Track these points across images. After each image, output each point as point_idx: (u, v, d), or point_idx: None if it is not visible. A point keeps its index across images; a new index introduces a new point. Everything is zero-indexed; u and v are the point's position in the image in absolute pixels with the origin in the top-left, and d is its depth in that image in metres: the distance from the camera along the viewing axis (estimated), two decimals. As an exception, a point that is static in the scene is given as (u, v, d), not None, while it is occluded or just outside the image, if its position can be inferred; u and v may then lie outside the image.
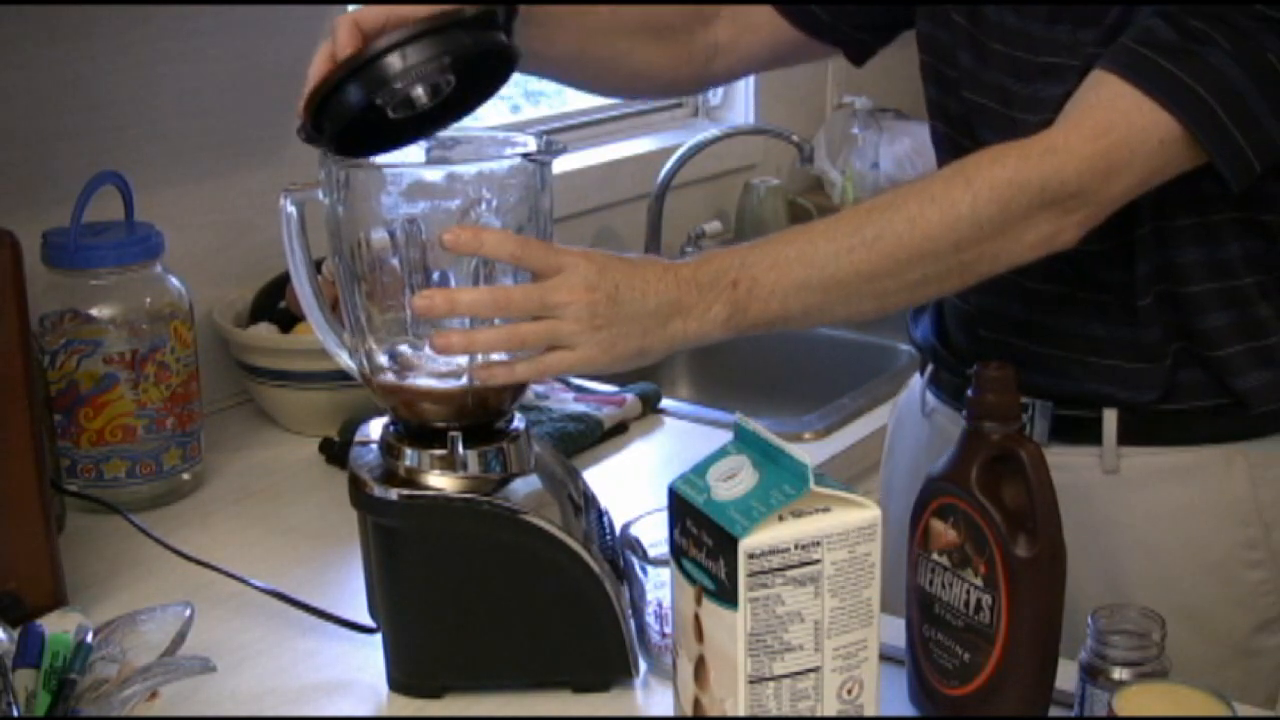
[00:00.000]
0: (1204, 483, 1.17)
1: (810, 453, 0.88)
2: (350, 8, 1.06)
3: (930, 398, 1.32)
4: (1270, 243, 1.13)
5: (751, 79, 2.53)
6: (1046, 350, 1.18)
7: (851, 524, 0.86)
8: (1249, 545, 1.17)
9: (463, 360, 1.03)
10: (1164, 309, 1.14)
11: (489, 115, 2.29)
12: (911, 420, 1.36)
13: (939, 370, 1.30)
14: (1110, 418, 1.17)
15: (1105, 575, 1.18)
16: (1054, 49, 1.11)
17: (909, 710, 1.02)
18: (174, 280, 1.39)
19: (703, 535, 0.87)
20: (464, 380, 1.04)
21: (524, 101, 2.37)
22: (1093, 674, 0.95)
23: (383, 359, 1.06)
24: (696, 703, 0.92)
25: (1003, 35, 1.14)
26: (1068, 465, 1.18)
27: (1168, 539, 1.18)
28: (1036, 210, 1.01)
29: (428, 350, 1.05)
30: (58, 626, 1.00)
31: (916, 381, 1.38)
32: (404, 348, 1.06)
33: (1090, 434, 1.18)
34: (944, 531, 0.97)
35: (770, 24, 1.31)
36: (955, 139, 1.22)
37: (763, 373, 2.15)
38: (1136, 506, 1.18)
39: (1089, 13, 1.09)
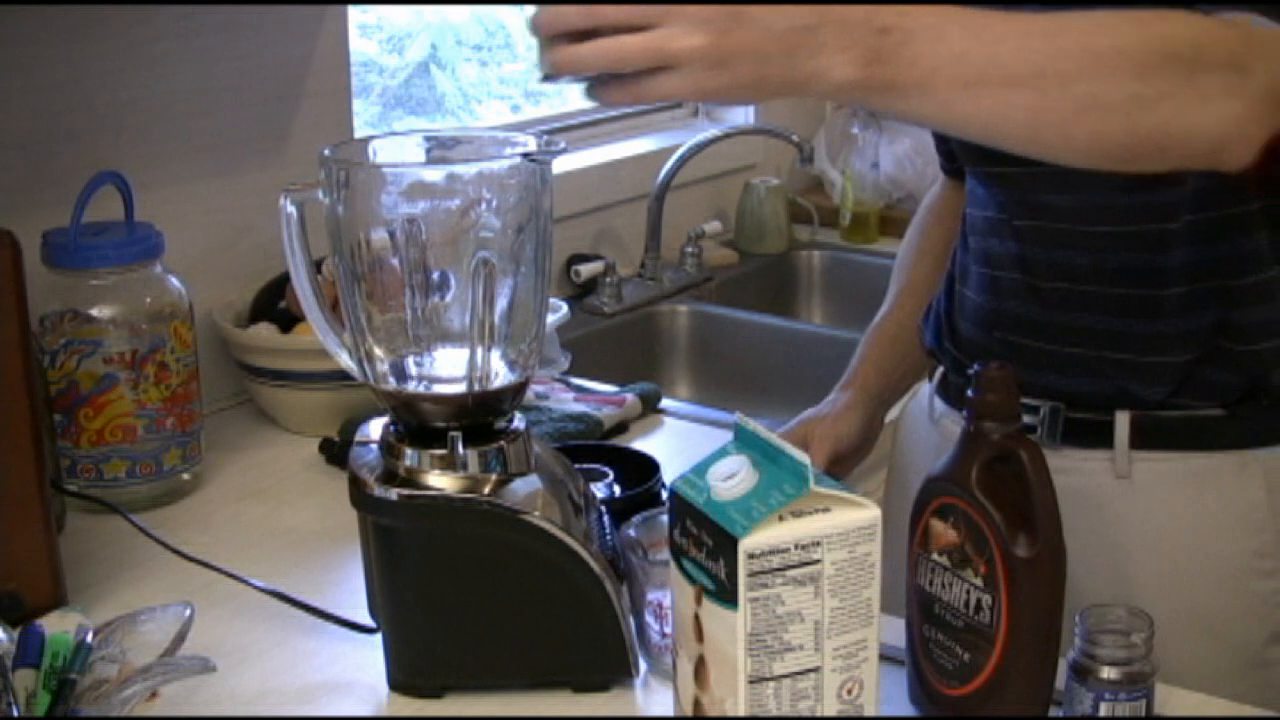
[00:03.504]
0: (1218, 489, 1.15)
1: (810, 453, 0.88)
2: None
3: (939, 404, 1.30)
4: None
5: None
6: (1059, 349, 1.17)
7: (851, 524, 0.86)
8: (1261, 554, 1.15)
9: (463, 363, 1.03)
10: (1196, 302, 1.12)
11: (489, 115, 2.29)
12: (922, 427, 1.35)
13: (947, 375, 1.29)
14: (1122, 420, 1.16)
15: (1116, 580, 1.17)
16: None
17: (909, 710, 1.02)
18: (174, 280, 1.39)
19: (703, 535, 0.87)
20: (464, 384, 1.04)
21: (524, 101, 2.37)
22: (1081, 674, 0.95)
23: (384, 364, 1.06)
24: (696, 703, 0.92)
25: None
26: (1079, 469, 1.17)
27: (1180, 545, 1.16)
28: (1223, 66, 0.92)
29: (429, 355, 1.05)
30: (58, 626, 1.00)
31: (925, 389, 1.36)
32: (408, 357, 1.06)
33: (1102, 438, 1.17)
34: (944, 531, 0.97)
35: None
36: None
37: (763, 373, 2.15)
38: (1149, 512, 1.17)
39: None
